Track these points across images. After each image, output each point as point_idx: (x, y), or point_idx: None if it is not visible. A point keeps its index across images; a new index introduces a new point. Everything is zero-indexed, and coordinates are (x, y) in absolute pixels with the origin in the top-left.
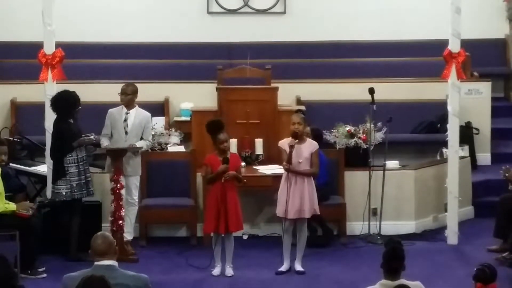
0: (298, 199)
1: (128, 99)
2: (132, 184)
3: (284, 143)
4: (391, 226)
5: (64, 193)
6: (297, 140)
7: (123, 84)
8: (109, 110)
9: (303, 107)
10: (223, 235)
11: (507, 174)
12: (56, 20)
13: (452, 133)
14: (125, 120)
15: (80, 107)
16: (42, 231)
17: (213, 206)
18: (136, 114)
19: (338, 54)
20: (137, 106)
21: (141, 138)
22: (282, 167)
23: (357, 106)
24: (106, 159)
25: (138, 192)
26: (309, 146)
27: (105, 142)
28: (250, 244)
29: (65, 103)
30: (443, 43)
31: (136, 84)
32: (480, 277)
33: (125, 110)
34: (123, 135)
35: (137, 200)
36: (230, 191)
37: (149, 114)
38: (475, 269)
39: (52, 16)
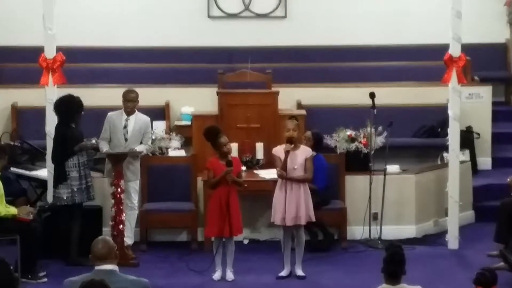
0: (294, 206)
1: (134, 105)
2: (132, 189)
3: (278, 150)
4: (391, 231)
5: (65, 198)
6: (292, 146)
7: (125, 90)
8: (108, 113)
9: (303, 112)
10: (224, 240)
11: (508, 179)
12: (57, 24)
13: (453, 137)
14: (125, 127)
15: (83, 112)
16: (42, 235)
17: (216, 210)
18: (136, 120)
19: (339, 58)
20: (136, 111)
21: (141, 142)
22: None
23: (358, 111)
24: (105, 163)
25: (137, 196)
26: (304, 152)
27: (104, 147)
28: (250, 248)
29: (68, 107)
30: (444, 48)
31: (137, 88)
32: (481, 281)
33: (124, 116)
34: (122, 142)
35: (136, 205)
36: (233, 195)
37: (148, 119)
38: (475, 273)
39: (53, 20)
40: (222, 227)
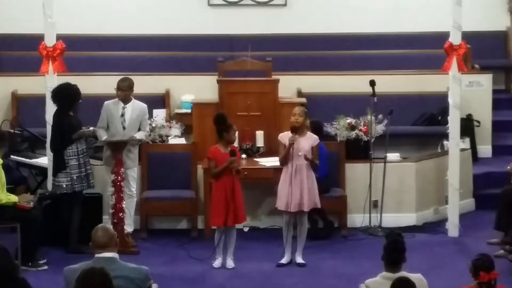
0: (298, 192)
1: (125, 94)
2: (130, 177)
3: (284, 136)
4: (392, 219)
5: (64, 186)
6: (297, 136)
7: (120, 77)
8: (105, 102)
9: (304, 100)
10: (226, 227)
11: (509, 167)
12: (57, 12)
13: (453, 125)
14: (122, 115)
15: (80, 101)
16: (43, 223)
17: (222, 200)
18: (133, 108)
19: (339, 46)
20: (133, 99)
21: (139, 129)
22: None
23: (358, 99)
24: (103, 151)
25: (135, 184)
26: (309, 139)
27: (103, 135)
28: (251, 236)
29: (66, 95)
30: (444, 35)
31: (137, 77)
32: (482, 266)
33: (121, 104)
34: (120, 130)
35: (135, 192)
36: (237, 184)
37: (145, 106)
38: (471, 261)
39: (53, 8)
40: (227, 216)
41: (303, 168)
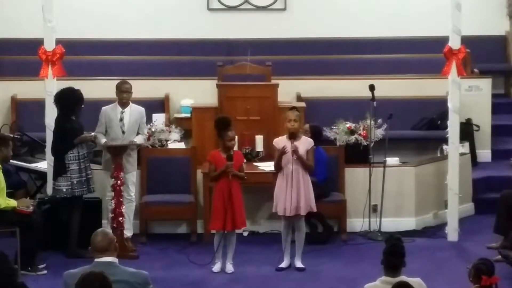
0: (295, 196)
1: (129, 96)
2: (129, 181)
3: (279, 141)
4: (391, 223)
5: (64, 190)
6: (296, 147)
7: (119, 82)
8: (103, 108)
9: (303, 104)
10: (225, 232)
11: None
12: (57, 17)
13: (453, 129)
14: (121, 120)
15: (83, 106)
16: (42, 227)
17: (220, 204)
18: (131, 112)
19: (339, 50)
20: (130, 102)
21: (137, 133)
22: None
23: (358, 103)
24: (103, 155)
25: (134, 188)
26: (304, 143)
27: (102, 139)
28: (250, 240)
29: (68, 100)
30: (444, 40)
31: (136, 81)
32: (483, 271)
33: (119, 109)
34: (120, 135)
35: (134, 197)
36: (236, 188)
37: (143, 109)
38: (472, 266)
39: (53, 12)
40: (225, 221)
41: (299, 172)
